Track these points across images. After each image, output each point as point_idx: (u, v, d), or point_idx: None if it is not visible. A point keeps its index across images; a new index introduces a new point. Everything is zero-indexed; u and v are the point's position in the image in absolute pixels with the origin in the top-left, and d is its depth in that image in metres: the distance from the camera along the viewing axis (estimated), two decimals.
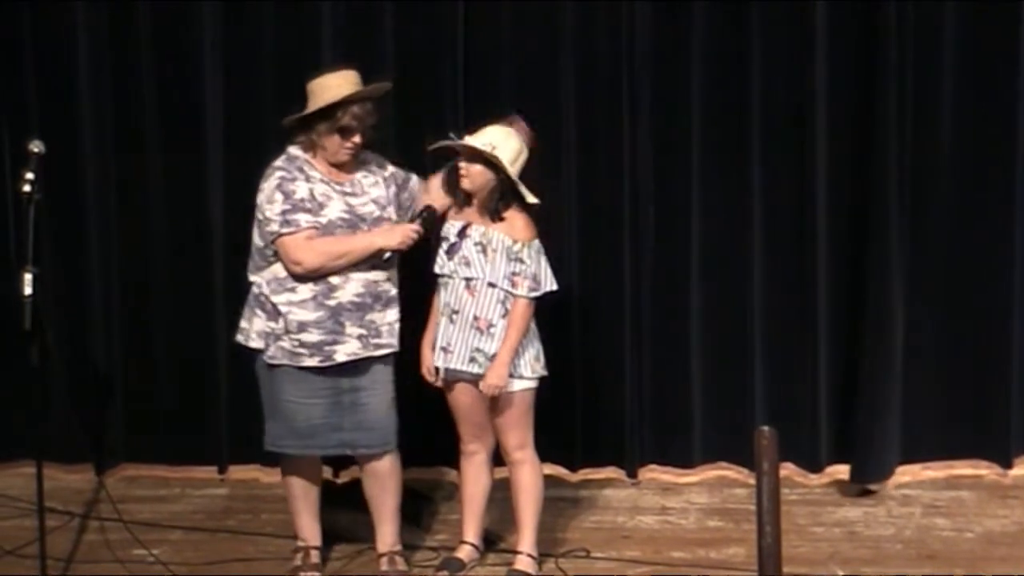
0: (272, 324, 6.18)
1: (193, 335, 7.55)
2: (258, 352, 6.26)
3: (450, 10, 7.22)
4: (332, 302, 6.14)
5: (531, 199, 6.23)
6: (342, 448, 6.31)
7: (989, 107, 7.14)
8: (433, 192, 6.40)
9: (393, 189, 6.35)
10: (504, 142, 6.20)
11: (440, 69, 7.23)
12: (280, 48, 7.31)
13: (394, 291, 6.26)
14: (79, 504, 7.17)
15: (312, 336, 6.13)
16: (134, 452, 7.68)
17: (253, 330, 6.26)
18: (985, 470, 7.34)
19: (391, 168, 6.41)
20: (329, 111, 6.12)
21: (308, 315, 6.13)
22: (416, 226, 6.22)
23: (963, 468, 7.36)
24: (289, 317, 6.12)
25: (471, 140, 6.23)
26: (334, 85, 6.15)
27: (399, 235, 6.18)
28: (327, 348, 6.14)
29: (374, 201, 6.25)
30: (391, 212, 6.30)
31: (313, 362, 6.14)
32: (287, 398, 6.22)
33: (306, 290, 6.13)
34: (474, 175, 6.21)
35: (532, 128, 6.28)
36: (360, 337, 6.17)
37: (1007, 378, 7.27)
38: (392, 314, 6.25)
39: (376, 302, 6.20)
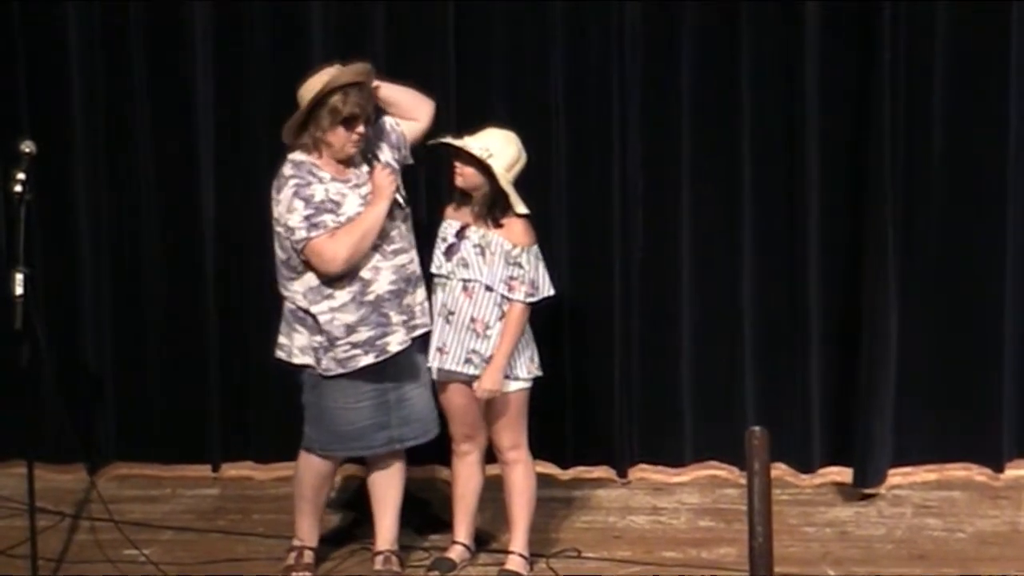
0: (317, 338, 6.16)
1: (184, 334, 7.55)
2: (304, 368, 6.24)
3: (440, 10, 7.22)
4: (370, 297, 6.13)
5: (521, 209, 6.22)
6: (390, 445, 6.29)
7: (981, 112, 7.13)
8: (402, 108, 6.36)
9: (388, 154, 6.30)
10: (502, 148, 6.19)
11: (431, 69, 7.23)
12: (271, 47, 7.31)
13: (419, 270, 6.28)
14: (70, 504, 7.16)
15: (362, 335, 6.13)
16: (126, 451, 7.68)
17: (295, 346, 6.23)
18: (977, 473, 7.35)
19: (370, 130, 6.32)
20: (329, 106, 6.07)
21: (352, 316, 6.12)
22: (380, 167, 6.17)
23: (955, 471, 7.36)
24: (334, 324, 6.11)
25: (470, 141, 6.22)
26: (319, 81, 6.12)
27: (385, 185, 6.13)
28: (379, 342, 6.14)
29: None
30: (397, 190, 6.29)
31: (370, 359, 6.13)
32: (336, 406, 6.21)
33: (343, 294, 6.12)
34: (467, 176, 6.22)
35: None
36: (404, 323, 6.19)
37: (999, 383, 7.27)
38: (421, 293, 6.27)
39: (408, 285, 6.21)
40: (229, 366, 7.51)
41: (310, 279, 6.14)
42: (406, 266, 6.22)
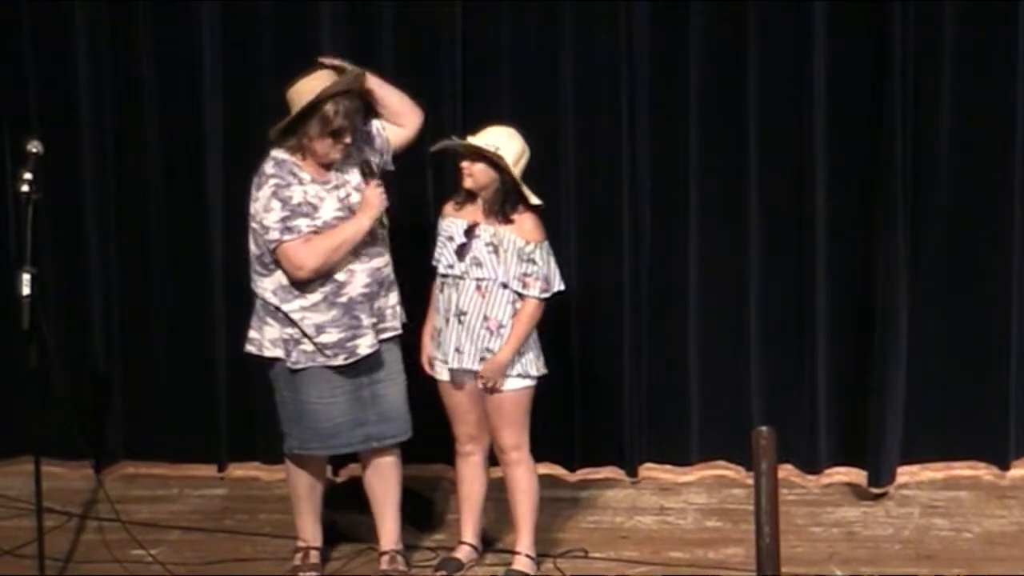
0: (288, 330, 6.16)
1: (192, 334, 7.56)
2: (274, 361, 6.25)
3: (448, 10, 7.22)
4: (343, 299, 6.13)
5: (534, 200, 6.23)
6: (368, 442, 6.29)
7: (991, 110, 7.13)
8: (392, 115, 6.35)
9: (369, 158, 6.28)
10: (507, 143, 6.20)
11: (438, 69, 7.24)
12: (279, 48, 7.31)
13: (392, 275, 6.29)
14: (77, 504, 7.16)
15: (332, 336, 6.13)
16: (133, 451, 7.69)
17: (266, 339, 6.23)
18: (983, 471, 7.34)
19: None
20: (320, 114, 6.07)
21: (323, 316, 6.13)
22: (374, 184, 6.17)
23: (961, 470, 7.36)
24: (305, 323, 6.12)
25: (474, 140, 6.23)
26: (312, 88, 6.12)
27: (374, 201, 6.14)
28: (349, 344, 6.14)
29: (356, 188, 6.22)
30: None
31: (339, 361, 6.14)
32: (310, 400, 6.21)
33: (315, 294, 6.13)
34: (477, 174, 6.21)
35: None
36: (373, 326, 6.18)
37: (1005, 381, 7.27)
38: (393, 297, 6.27)
39: (381, 288, 6.22)
40: (236, 366, 7.50)
41: (281, 277, 6.14)
42: (381, 269, 6.22)
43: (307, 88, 6.12)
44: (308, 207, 6.11)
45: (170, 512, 7.21)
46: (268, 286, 6.18)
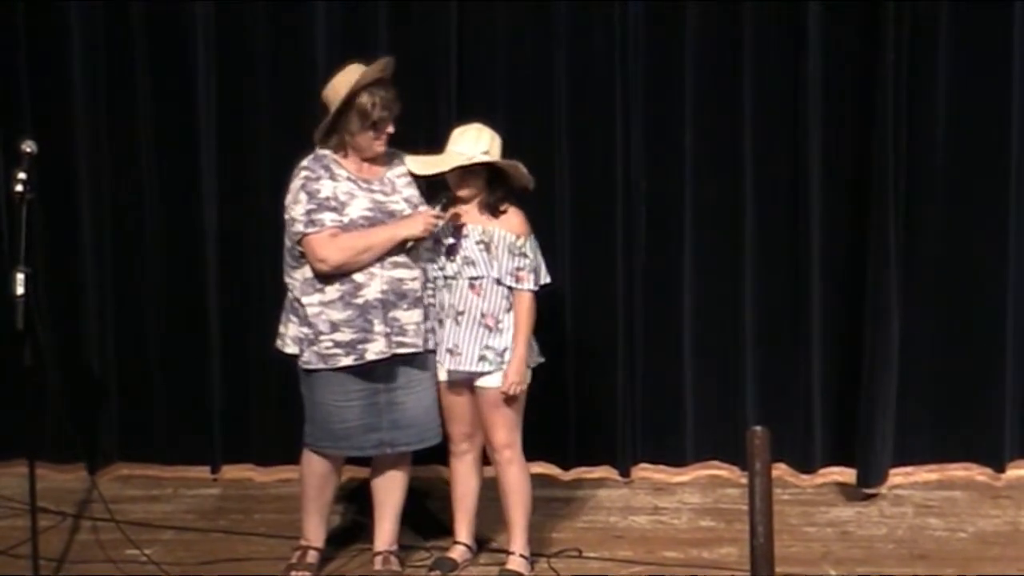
0: (304, 330, 6.17)
1: (186, 334, 7.55)
2: (295, 357, 6.26)
3: (444, 10, 7.22)
4: (359, 300, 6.13)
5: (530, 183, 6.23)
6: (380, 448, 6.29)
7: (984, 112, 7.14)
8: None
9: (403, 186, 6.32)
10: (490, 143, 6.20)
11: (434, 68, 7.24)
12: (274, 47, 7.31)
13: (423, 294, 6.23)
14: (71, 504, 7.16)
15: (345, 335, 6.13)
16: (127, 451, 7.68)
17: (289, 335, 6.25)
18: (978, 472, 7.35)
19: None
20: (357, 109, 6.08)
21: (338, 314, 6.13)
22: (437, 211, 6.18)
23: (956, 471, 7.37)
24: (321, 318, 6.13)
25: (459, 152, 6.19)
26: (347, 82, 6.13)
27: (421, 223, 6.14)
28: (359, 347, 6.14)
29: (406, 200, 6.23)
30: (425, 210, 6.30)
31: (348, 361, 6.13)
32: (323, 401, 6.21)
33: (333, 290, 6.13)
34: (472, 185, 6.21)
35: None
36: (386, 335, 6.16)
37: (1000, 383, 7.27)
38: (417, 314, 6.21)
39: (401, 300, 6.18)
40: (230, 368, 7.51)
41: (306, 271, 6.15)
42: (403, 281, 6.18)
43: (341, 83, 6.12)
44: (336, 202, 6.11)
45: (164, 512, 7.20)
46: (298, 278, 6.19)
